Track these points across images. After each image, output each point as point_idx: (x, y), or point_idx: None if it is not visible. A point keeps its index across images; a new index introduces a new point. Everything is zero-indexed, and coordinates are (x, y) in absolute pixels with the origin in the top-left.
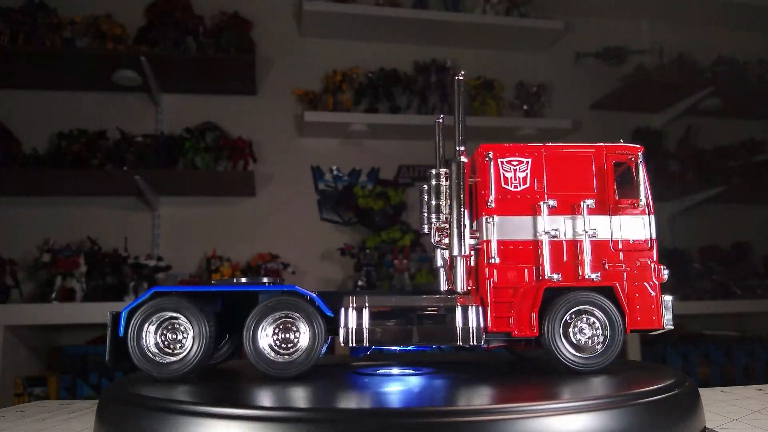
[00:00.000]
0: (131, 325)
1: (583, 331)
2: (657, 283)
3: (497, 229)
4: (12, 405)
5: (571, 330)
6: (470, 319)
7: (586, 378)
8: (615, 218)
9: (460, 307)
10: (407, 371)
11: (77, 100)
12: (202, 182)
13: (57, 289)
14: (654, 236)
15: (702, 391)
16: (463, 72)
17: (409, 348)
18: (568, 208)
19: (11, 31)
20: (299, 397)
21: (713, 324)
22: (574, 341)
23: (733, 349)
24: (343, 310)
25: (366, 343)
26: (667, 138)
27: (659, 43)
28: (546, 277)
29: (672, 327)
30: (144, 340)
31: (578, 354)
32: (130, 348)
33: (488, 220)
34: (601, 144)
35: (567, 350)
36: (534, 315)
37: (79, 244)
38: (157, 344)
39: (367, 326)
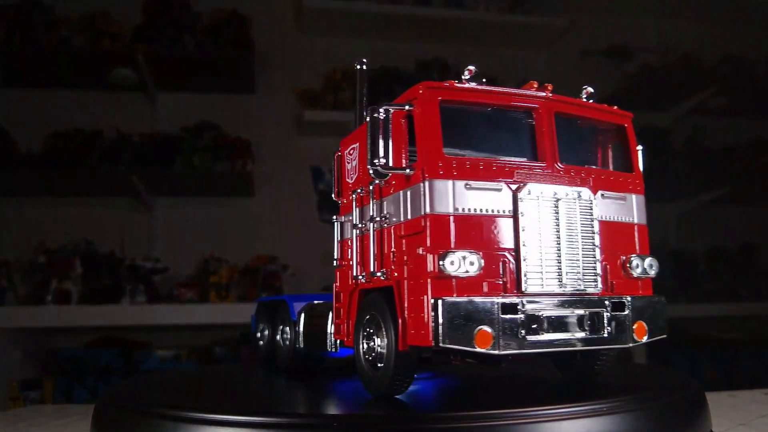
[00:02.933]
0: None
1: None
2: (428, 280)
3: (340, 227)
4: (7, 409)
5: (367, 342)
6: (328, 326)
7: (591, 382)
8: (401, 194)
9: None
10: None
11: (73, 99)
12: (199, 182)
13: (52, 291)
14: (432, 210)
15: (708, 395)
16: (365, 60)
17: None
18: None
19: (6, 29)
20: (296, 403)
21: (720, 327)
22: (370, 357)
23: (739, 353)
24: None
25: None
26: (673, 137)
27: (665, 41)
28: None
29: (500, 353)
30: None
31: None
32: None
33: (336, 219)
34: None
35: (364, 367)
36: (350, 322)
37: (74, 245)
38: None
39: (302, 330)
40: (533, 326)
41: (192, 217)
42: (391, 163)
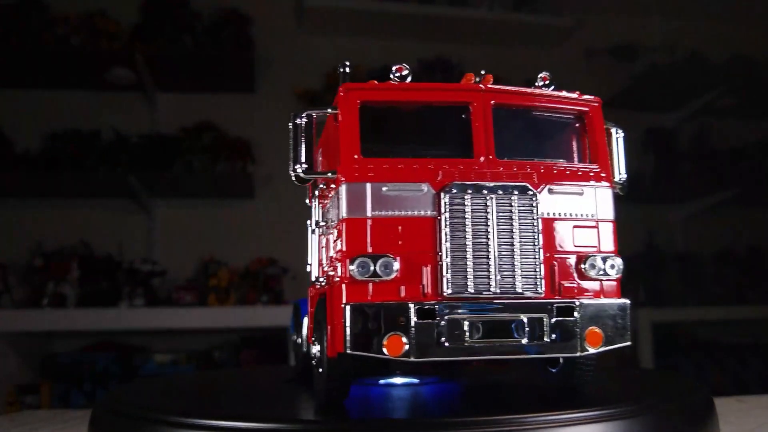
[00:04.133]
0: None
1: None
2: (343, 285)
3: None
4: (4, 414)
5: (314, 347)
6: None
7: (597, 387)
8: (334, 199)
9: None
10: (410, 381)
11: (70, 100)
12: (199, 184)
13: (49, 294)
14: (348, 214)
15: (716, 400)
16: (347, 63)
17: None
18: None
19: (3, 29)
20: (297, 408)
21: (727, 331)
22: (315, 362)
23: (747, 357)
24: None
25: None
26: (680, 138)
27: (672, 40)
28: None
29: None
30: None
31: None
32: None
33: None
34: None
35: (314, 372)
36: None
37: (72, 247)
38: None
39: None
40: (456, 332)
41: (191, 219)
42: (320, 168)
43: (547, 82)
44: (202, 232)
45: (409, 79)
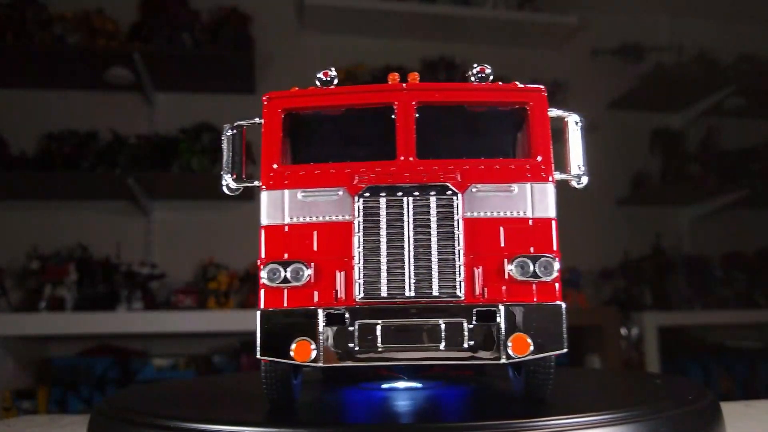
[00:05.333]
0: None
1: None
2: (261, 291)
3: None
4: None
5: None
6: None
7: (602, 391)
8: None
9: None
10: (414, 385)
11: (67, 100)
12: (198, 185)
13: (46, 297)
14: (266, 221)
15: (723, 405)
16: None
17: None
18: None
19: None
20: (299, 413)
21: (736, 335)
22: None
23: (756, 361)
24: None
25: None
26: (687, 139)
27: (679, 40)
28: None
29: None
30: None
31: None
32: None
33: None
34: None
35: None
36: None
37: (69, 250)
38: None
39: None
40: (368, 338)
41: (190, 221)
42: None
43: (484, 74)
44: (201, 234)
45: (335, 82)
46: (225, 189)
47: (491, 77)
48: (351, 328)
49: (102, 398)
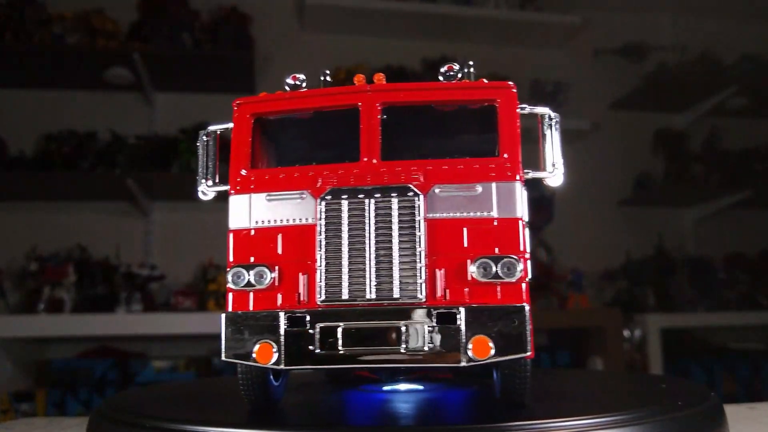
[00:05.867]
0: None
1: None
2: (229, 294)
3: None
4: None
5: None
6: None
7: (605, 393)
8: None
9: None
10: (415, 387)
11: (66, 100)
12: (197, 186)
13: (45, 299)
14: (233, 225)
15: (727, 408)
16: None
17: None
18: None
19: None
20: (300, 416)
21: (739, 336)
22: None
23: (760, 363)
24: None
25: None
26: (690, 139)
27: (682, 39)
28: None
29: None
30: None
31: None
32: None
33: None
34: None
35: None
36: None
37: (68, 251)
38: None
39: None
40: (329, 340)
41: (190, 222)
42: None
43: (452, 72)
44: (201, 235)
45: (304, 86)
46: (200, 194)
47: (460, 75)
48: (312, 331)
49: (101, 400)
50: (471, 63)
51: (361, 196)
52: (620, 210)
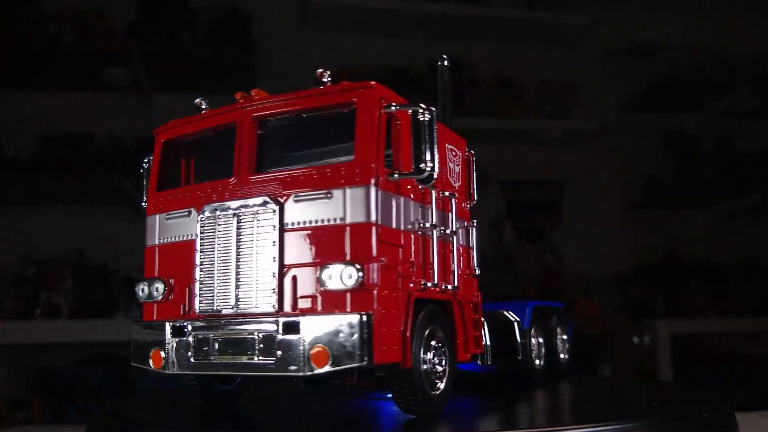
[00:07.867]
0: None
1: None
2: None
3: None
4: None
5: None
6: None
7: (613, 400)
8: None
9: None
10: None
11: (63, 101)
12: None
13: (42, 305)
14: (146, 243)
15: (739, 416)
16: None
17: None
18: None
19: None
20: (301, 425)
21: (751, 343)
22: None
23: None
24: None
25: None
26: (701, 141)
27: (693, 39)
28: None
29: None
30: None
31: None
32: None
33: None
34: None
35: None
36: None
37: (65, 256)
38: None
39: None
40: (204, 348)
41: None
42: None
43: (324, 79)
44: None
45: (204, 107)
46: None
47: (328, 81)
48: (190, 339)
49: (99, 408)
50: (445, 57)
51: (228, 211)
52: (630, 213)
